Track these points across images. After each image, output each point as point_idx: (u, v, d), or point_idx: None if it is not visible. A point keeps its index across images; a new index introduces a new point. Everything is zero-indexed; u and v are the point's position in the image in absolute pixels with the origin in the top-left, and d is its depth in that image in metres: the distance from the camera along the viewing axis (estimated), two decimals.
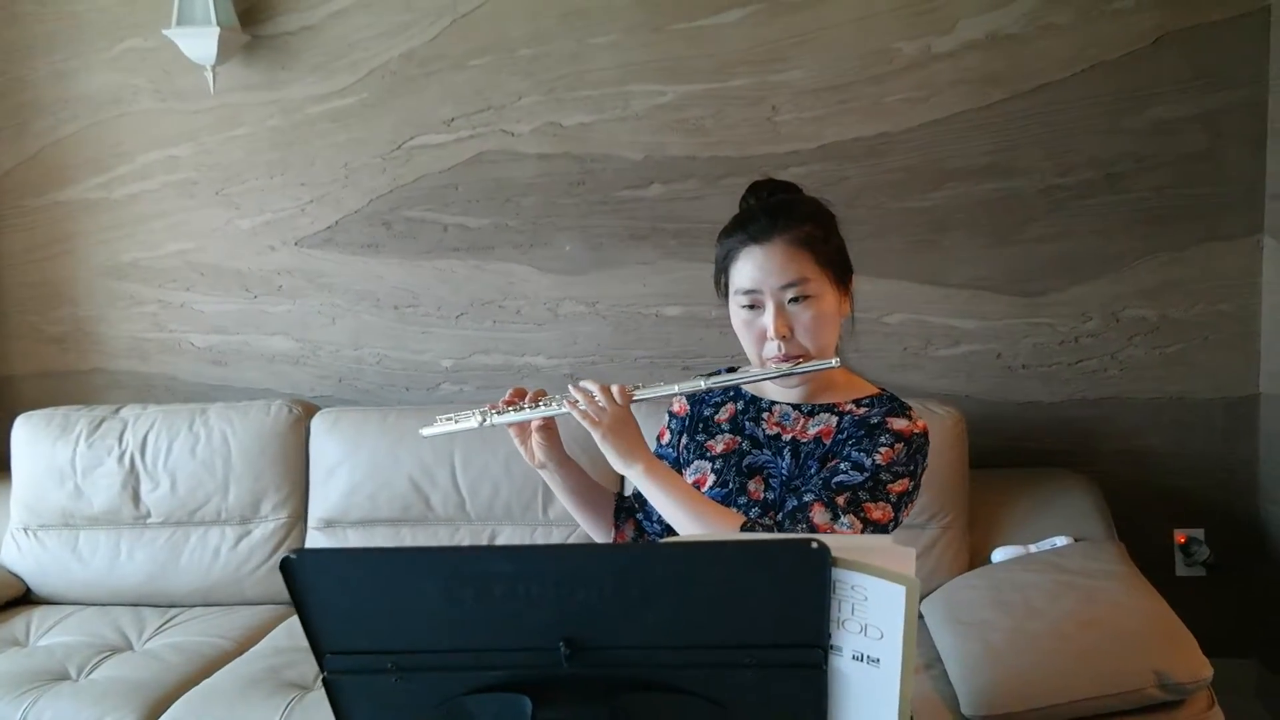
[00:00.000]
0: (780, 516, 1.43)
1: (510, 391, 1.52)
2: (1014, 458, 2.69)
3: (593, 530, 1.64)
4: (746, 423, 1.57)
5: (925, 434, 1.48)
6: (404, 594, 0.94)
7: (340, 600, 0.94)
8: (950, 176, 2.63)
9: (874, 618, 0.94)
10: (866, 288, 2.63)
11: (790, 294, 1.45)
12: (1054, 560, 2.25)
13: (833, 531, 1.36)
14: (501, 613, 0.94)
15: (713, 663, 0.97)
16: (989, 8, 2.55)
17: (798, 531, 1.35)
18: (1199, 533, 2.68)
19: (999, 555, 2.36)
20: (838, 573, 0.93)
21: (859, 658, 0.96)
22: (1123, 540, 2.38)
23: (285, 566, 0.91)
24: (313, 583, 0.92)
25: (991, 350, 2.69)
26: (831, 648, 0.96)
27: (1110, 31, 2.53)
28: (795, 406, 1.54)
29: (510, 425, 1.52)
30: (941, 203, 2.64)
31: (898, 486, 1.42)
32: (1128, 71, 2.53)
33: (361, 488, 2.59)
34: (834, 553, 0.92)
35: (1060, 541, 2.33)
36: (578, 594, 0.93)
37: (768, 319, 1.45)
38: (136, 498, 2.67)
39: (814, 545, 0.91)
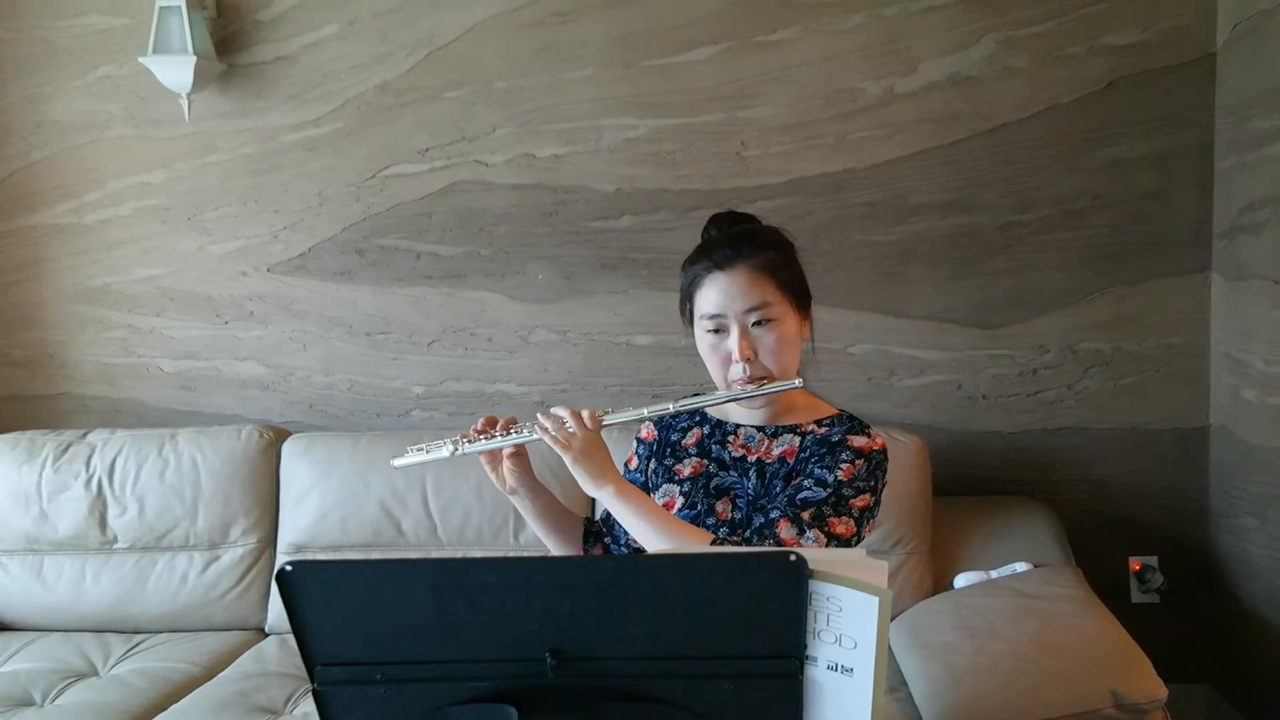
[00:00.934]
0: (748, 533, 1.47)
1: (482, 420, 1.56)
2: (975, 486, 2.76)
3: (561, 554, 1.67)
4: (713, 446, 1.62)
5: (884, 451, 1.54)
6: (396, 604, 0.97)
7: (334, 611, 0.96)
8: (913, 212, 2.71)
9: (848, 628, 0.98)
10: (832, 318, 2.73)
11: (754, 317, 1.51)
12: (1014, 585, 2.30)
13: (799, 546, 1.40)
14: (490, 623, 0.97)
15: (693, 673, 1.00)
16: (950, 50, 2.64)
17: (766, 547, 1.40)
18: (1153, 560, 2.75)
19: (961, 581, 2.41)
20: (814, 584, 0.97)
21: (833, 667, 1.00)
22: (1080, 567, 2.43)
23: (281, 577, 0.93)
24: (308, 593, 0.94)
25: (953, 381, 2.76)
26: (807, 658, 1.00)
27: (1064, 76, 2.62)
28: (759, 429, 1.59)
29: (481, 453, 1.55)
30: (905, 237, 2.72)
31: (859, 501, 1.47)
32: (1082, 114, 2.63)
33: (332, 513, 2.59)
34: (810, 565, 0.96)
35: (1020, 567, 2.39)
36: (565, 605, 0.96)
37: (732, 342, 1.51)
38: (103, 523, 2.65)
39: (792, 558, 0.95)
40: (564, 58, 2.76)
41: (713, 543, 1.45)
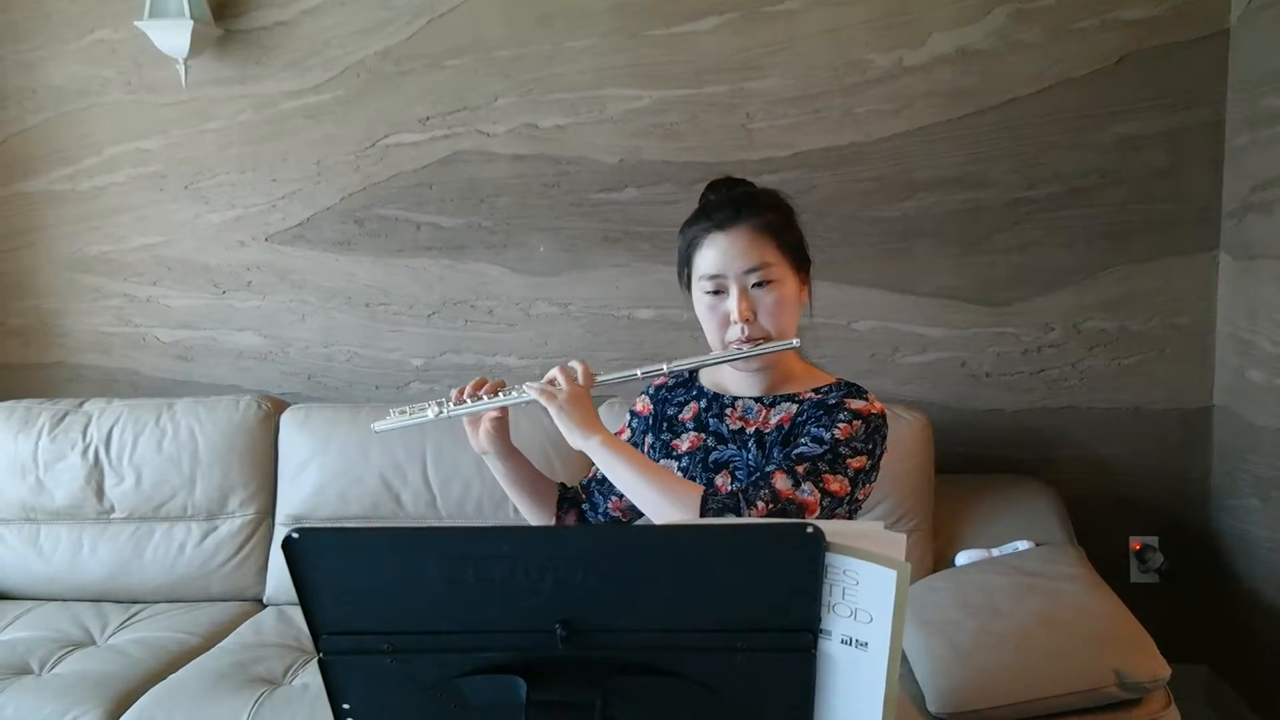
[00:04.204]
0: (744, 485, 1.45)
1: (472, 384, 1.54)
2: (977, 464, 2.75)
3: (533, 520, 1.68)
4: (710, 419, 1.60)
5: (883, 415, 1.52)
6: (404, 574, 0.95)
7: (341, 580, 0.94)
8: (919, 187, 2.68)
9: (864, 602, 0.96)
10: (836, 294, 2.70)
11: (754, 278, 1.49)
12: (1016, 563, 2.29)
13: (793, 497, 1.39)
14: (500, 594, 0.95)
15: (705, 646, 0.98)
16: (960, 23, 2.61)
17: (760, 497, 1.39)
18: (1153, 540, 2.75)
19: (962, 558, 2.40)
20: (830, 557, 0.95)
21: (848, 642, 0.99)
22: (1080, 546, 2.43)
23: (288, 545, 0.91)
24: (315, 562, 0.92)
25: (957, 358, 2.75)
26: (822, 632, 0.99)
27: (1076, 50, 2.59)
28: (757, 399, 1.58)
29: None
30: (910, 212, 2.69)
31: (856, 462, 1.45)
32: (1092, 89, 2.60)
33: (331, 485, 2.58)
34: (828, 537, 0.94)
35: (1022, 546, 2.38)
36: (576, 575, 0.94)
37: (731, 303, 1.50)
38: (100, 492, 2.63)
39: (809, 530, 0.93)
40: (566, 26, 2.72)
41: (705, 494, 1.43)
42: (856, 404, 1.50)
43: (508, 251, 2.83)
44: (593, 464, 1.55)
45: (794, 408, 1.54)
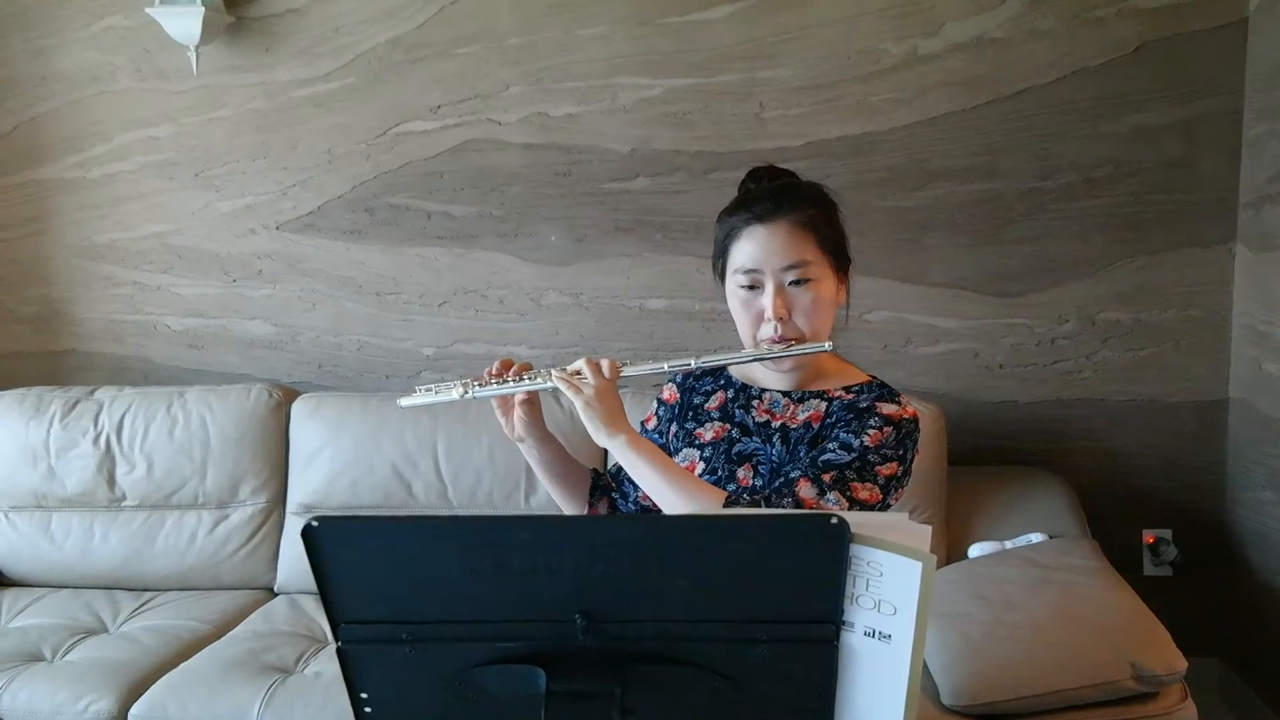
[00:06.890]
0: (767, 491, 1.43)
1: (497, 364, 1.52)
2: (990, 456, 2.73)
3: (567, 508, 1.65)
4: (736, 410, 1.57)
5: (915, 420, 1.49)
6: (424, 563, 0.94)
7: (360, 569, 0.94)
8: (933, 177, 2.66)
9: (888, 593, 0.95)
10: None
11: (791, 276, 1.45)
12: (1030, 556, 2.28)
13: (818, 507, 1.36)
14: (520, 584, 0.94)
15: (726, 637, 0.98)
16: (975, 11, 2.59)
17: (784, 506, 1.36)
18: (1167, 533, 2.73)
19: (975, 551, 2.39)
20: (854, 548, 0.94)
21: (871, 634, 0.98)
22: (1094, 539, 2.41)
23: (307, 533, 0.90)
24: (334, 550, 0.92)
25: (970, 349, 2.73)
26: (844, 623, 0.98)
27: (1092, 38, 2.57)
28: (785, 393, 1.55)
29: (493, 398, 1.52)
30: (924, 203, 2.68)
31: (886, 469, 1.42)
32: (1108, 78, 2.58)
33: (343, 474, 2.58)
34: (852, 528, 0.93)
35: (1035, 538, 2.37)
36: (597, 565, 0.93)
37: (766, 299, 1.45)
38: (112, 480, 2.63)
39: (834, 520, 0.92)
40: (578, 14, 2.70)
41: (727, 499, 1.41)
42: (888, 409, 1.47)
43: (519, 241, 2.82)
44: None
45: (823, 406, 1.51)
